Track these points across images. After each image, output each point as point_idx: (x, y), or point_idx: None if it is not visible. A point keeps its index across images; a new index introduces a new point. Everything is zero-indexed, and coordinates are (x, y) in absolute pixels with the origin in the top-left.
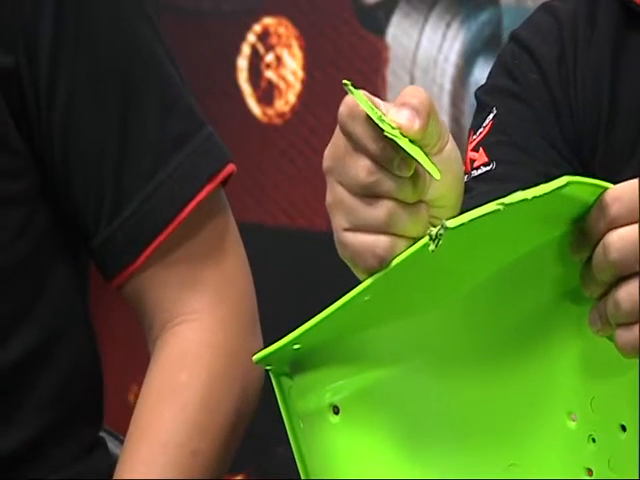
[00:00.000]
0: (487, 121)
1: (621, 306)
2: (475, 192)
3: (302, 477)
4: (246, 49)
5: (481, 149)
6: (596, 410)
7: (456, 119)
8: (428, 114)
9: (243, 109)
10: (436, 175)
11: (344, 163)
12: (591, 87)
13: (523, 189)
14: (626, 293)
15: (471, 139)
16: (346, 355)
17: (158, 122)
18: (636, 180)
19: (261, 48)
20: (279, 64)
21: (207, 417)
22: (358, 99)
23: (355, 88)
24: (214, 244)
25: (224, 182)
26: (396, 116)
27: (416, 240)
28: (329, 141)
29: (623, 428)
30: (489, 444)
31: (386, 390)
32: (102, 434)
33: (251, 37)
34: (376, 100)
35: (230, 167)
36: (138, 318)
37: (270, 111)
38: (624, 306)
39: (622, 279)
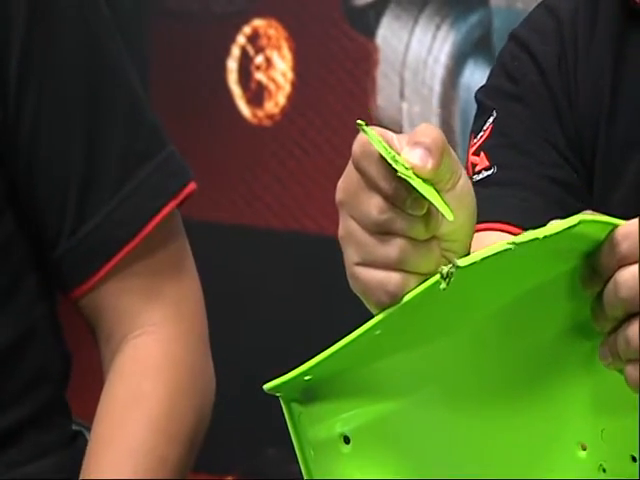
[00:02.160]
0: (487, 124)
1: (631, 343)
2: (477, 196)
3: None
4: (236, 51)
5: (482, 153)
6: (607, 440)
7: (446, 121)
8: (441, 153)
9: (233, 111)
10: (449, 217)
11: (357, 199)
12: (592, 86)
13: (522, 193)
14: (637, 330)
15: (472, 143)
16: (357, 386)
17: (124, 138)
18: None
19: (251, 50)
20: (269, 66)
21: (173, 424)
22: (371, 138)
23: (366, 125)
24: (173, 261)
25: (182, 202)
26: (409, 156)
27: (428, 276)
28: (319, 142)
29: (634, 459)
30: (501, 476)
31: (396, 421)
32: (81, 428)
33: (241, 39)
34: (389, 136)
35: (191, 186)
36: (92, 330)
37: (260, 113)
38: (634, 343)
39: (633, 315)
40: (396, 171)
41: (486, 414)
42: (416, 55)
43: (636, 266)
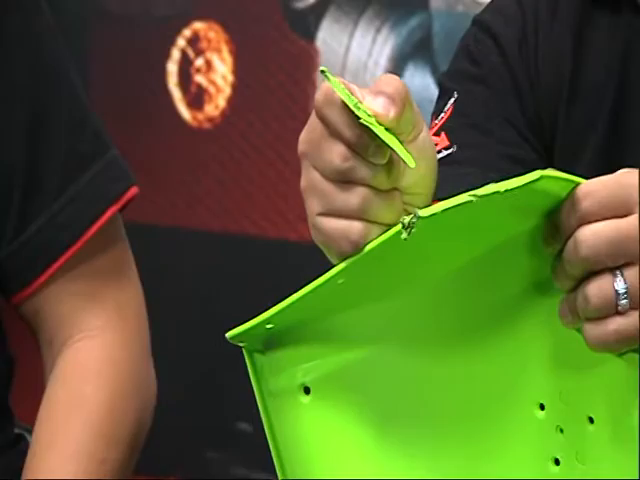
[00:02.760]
0: (448, 105)
1: (591, 301)
2: (438, 174)
3: (273, 455)
4: (176, 53)
5: (442, 133)
6: (565, 401)
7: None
8: (403, 102)
9: (173, 113)
10: (411, 163)
11: (319, 148)
12: (553, 67)
13: (483, 172)
14: (596, 289)
15: (433, 124)
16: (318, 336)
17: (66, 142)
18: (608, 176)
19: (191, 52)
20: (209, 68)
21: (113, 428)
22: (334, 86)
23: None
24: (115, 265)
25: (124, 207)
26: (372, 104)
27: (390, 226)
28: (260, 145)
29: (591, 420)
30: (458, 429)
31: (357, 372)
32: (23, 432)
33: (181, 41)
34: (352, 87)
35: (133, 190)
36: (35, 333)
37: (200, 115)
38: (594, 301)
39: (593, 274)
40: (359, 118)
41: (447, 368)
42: (356, 58)
43: (596, 225)
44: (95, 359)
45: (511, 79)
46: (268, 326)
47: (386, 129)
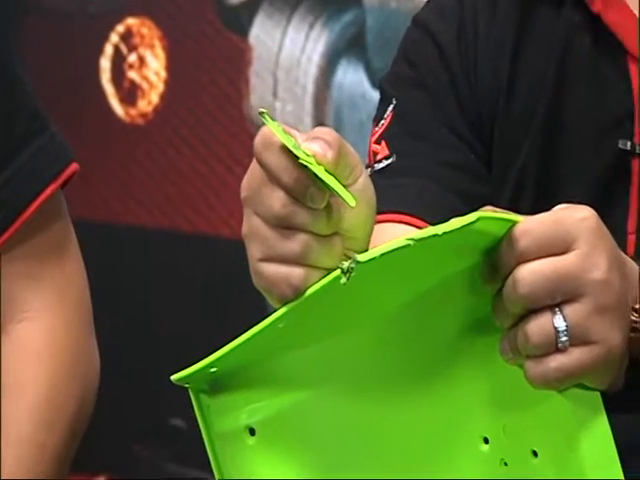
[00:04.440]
0: (388, 112)
1: (531, 339)
2: (377, 186)
3: None
4: (109, 49)
5: (383, 142)
6: (508, 435)
7: (319, 120)
8: (339, 147)
9: (106, 109)
10: (351, 202)
11: (260, 194)
12: (492, 64)
13: (420, 181)
14: (536, 327)
15: (374, 131)
16: (262, 379)
17: (4, 122)
18: (544, 214)
19: (124, 48)
20: (142, 64)
21: (53, 413)
22: (273, 128)
23: (267, 119)
24: (55, 244)
25: (65, 183)
26: (310, 146)
27: (330, 270)
28: (192, 141)
29: (535, 454)
30: (405, 468)
31: (302, 414)
32: None
33: (114, 37)
34: (292, 131)
35: (73, 166)
36: None
37: (133, 111)
38: (534, 339)
39: (532, 311)
40: (298, 159)
41: (388, 407)
42: (289, 54)
43: (534, 263)
44: (35, 342)
45: (449, 79)
46: (212, 370)
47: (325, 170)
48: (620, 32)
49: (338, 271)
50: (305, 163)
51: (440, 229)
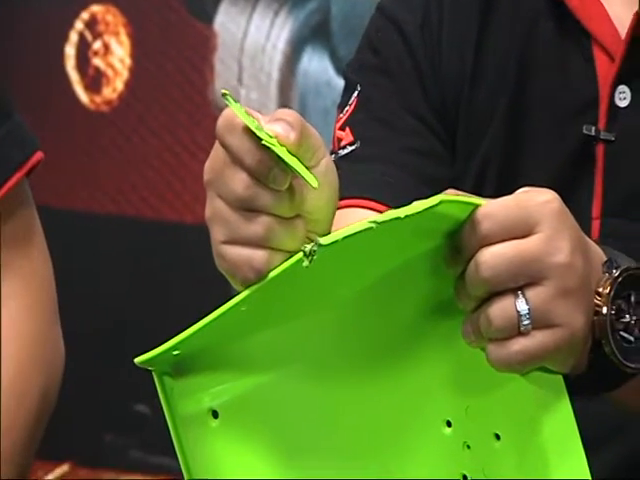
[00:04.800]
0: (352, 99)
1: (493, 322)
2: (341, 172)
3: (185, 477)
4: (74, 36)
5: (347, 128)
6: (471, 418)
7: (284, 107)
8: (301, 128)
9: (71, 96)
10: (314, 183)
11: (222, 176)
12: (456, 49)
13: (384, 167)
14: (499, 310)
15: (338, 117)
16: (225, 361)
17: None
18: (507, 197)
19: (89, 35)
20: (107, 52)
21: (15, 402)
22: (236, 110)
23: (230, 99)
24: (21, 233)
25: (30, 172)
26: (272, 127)
27: (293, 253)
28: (157, 129)
29: (497, 437)
30: (368, 451)
31: (264, 396)
32: None
33: (79, 24)
34: (255, 113)
35: (38, 155)
36: None
37: (98, 98)
38: (496, 322)
39: (495, 294)
40: (261, 140)
41: (351, 390)
42: (254, 41)
43: (497, 246)
44: None
45: (413, 66)
46: (175, 352)
47: (288, 152)
48: (584, 17)
49: (300, 254)
50: (268, 144)
51: (402, 212)
